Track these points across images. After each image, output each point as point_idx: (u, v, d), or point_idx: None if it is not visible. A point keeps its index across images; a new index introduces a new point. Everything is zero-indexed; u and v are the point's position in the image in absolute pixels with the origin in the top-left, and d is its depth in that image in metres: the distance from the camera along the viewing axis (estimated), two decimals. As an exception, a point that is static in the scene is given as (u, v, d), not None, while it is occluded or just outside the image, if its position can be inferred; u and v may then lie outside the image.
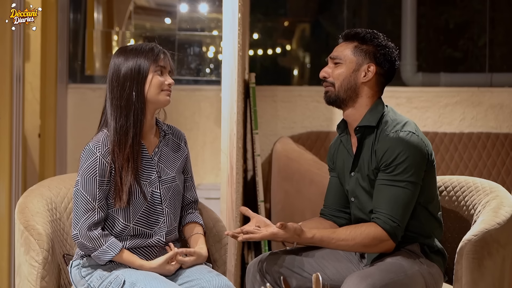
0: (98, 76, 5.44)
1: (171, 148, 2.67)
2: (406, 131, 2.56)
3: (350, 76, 2.63)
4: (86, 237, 2.47)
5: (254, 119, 4.63)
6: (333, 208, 2.78)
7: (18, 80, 4.05)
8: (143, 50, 2.55)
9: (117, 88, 2.53)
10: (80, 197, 2.49)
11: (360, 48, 2.63)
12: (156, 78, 2.54)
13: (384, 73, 2.65)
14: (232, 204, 3.20)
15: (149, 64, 2.53)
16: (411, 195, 2.54)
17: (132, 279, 2.45)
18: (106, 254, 2.49)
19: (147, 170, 2.57)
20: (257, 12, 5.81)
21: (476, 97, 5.35)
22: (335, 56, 2.66)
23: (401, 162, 2.52)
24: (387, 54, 2.63)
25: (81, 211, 2.48)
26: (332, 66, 2.66)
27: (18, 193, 4.03)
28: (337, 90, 2.64)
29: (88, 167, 2.49)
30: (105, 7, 5.54)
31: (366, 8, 6.03)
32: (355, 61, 2.63)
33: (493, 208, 2.62)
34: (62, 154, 5.10)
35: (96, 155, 2.49)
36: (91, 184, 2.48)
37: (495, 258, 2.52)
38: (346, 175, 2.71)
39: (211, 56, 5.47)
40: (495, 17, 5.82)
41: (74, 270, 2.57)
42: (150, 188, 2.57)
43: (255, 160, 4.62)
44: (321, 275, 2.43)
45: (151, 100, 2.55)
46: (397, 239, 2.54)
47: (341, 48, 2.67)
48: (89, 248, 2.49)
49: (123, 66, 2.53)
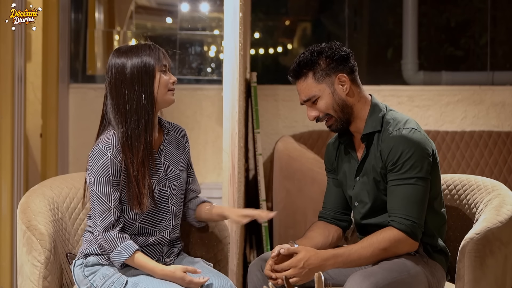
0: (100, 76, 5.44)
1: (174, 145, 2.66)
2: (408, 128, 2.55)
3: (334, 99, 2.59)
4: (103, 238, 2.46)
5: (255, 118, 4.63)
6: (334, 211, 2.77)
7: (19, 80, 4.05)
8: (144, 49, 2.52)
9: (123, 91, 2.49)
10: (96, 198, 2.47)
11: (317, 73, 2.58)
12: (162, 77, 2.52)
13: (350, 70, 2.61)
14: (234, 203, 3.20)
15: (154, 64, 2.51)
16: (423, 191, 2.53)
17: (135, 280, 2.46)
18: (120, 256, 2.46)
19: (154, 169, 2.56)
20: (258, 11, 5.81)
21: (478, 95, 5.35)
22: (308, 97, 2.60)
23: (407, 159, 2.51)
24: (338, 58, 2.59)
25: (98, 212, 2.47)
26: (312, 105, 2.61)
27: (20, 193, 4.04)
28: (338, 117, 2.61)
29: (100, 167, 2.46)
30: (106, 7, 5.54)
31: (367, 7, 6.02)
32: (324, 86, 2.58)
33: (495, 207, 2.62)
34: (64, 153, 5.10)
35: (107, 155, 2.46)
36: (105, 184, 2.46)
37: (497, 257, 2.52)
38: (350, 180, 2.70)
39: (213, 56, 5.47)
40: (496, 16, 5.82)
41: (77, 270, 2.56)
42: (158, 187, 2.56)
43: (257, 159, 4.62)
44: (323, 274, 2.43)
45: (159, 101, 2.52)
46: (417, 237, 2.52)
47: (303, 87, 2.60)
48: (106, 249, 2.48)
49: (128, 67, 2.49)
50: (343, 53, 2.60)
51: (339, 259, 2.49)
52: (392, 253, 2.53)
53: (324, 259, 2.48)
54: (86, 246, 2.58)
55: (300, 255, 2.47)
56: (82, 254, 2.57)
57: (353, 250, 2.50)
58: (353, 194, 2.68)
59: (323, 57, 2.58)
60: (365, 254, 2.50)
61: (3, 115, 3.95)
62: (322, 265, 2.48)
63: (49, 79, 4.94)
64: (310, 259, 2.46)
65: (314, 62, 2.58)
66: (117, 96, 2.50)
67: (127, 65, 2.50)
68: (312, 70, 2.59)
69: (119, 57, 2.52)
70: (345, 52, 2.61)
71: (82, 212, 2.84)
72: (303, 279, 2.48)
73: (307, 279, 2.49)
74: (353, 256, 2.50)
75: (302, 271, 2.45)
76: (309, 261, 2.46)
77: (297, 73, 2.61)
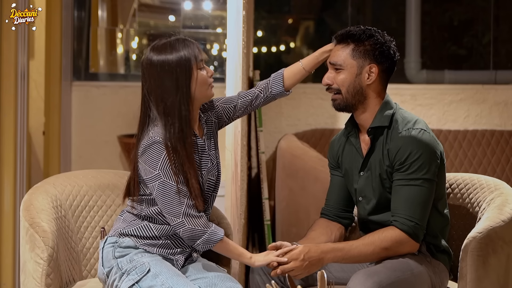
0: (103, 74, 5.45)
1: (210, 127, 2.65)
2: (418, 129, 2.55)
3: (354, 81, 2.59)
4: (191, 224, 2.45)
5: (258, 116, 4.63)
6: (337, 208, 2.77)
7: (22, 78, 4.05)
8: (180, 46, 2.48)
9: (161, 89, 2.46)
10: (168, 188, 2.44)
11: (357, 50, 2.58)
12: (200, 75, 2.50)
13: (386, 69, 2.62)
14: (236, 201, 3.20)
15: (192, 62, 2.48)
16: (428, 193, 2.52)
17: (157, 270, 2.45)
18: (216, 236, 2.48)
19: (203, 161, 2.56)
20: (261, 10, 5.80)
21: (481, 94, 5.35)
22: (335, 62, 2.61)
23: (415, 160, 2.51)
24: (385, 51, 2.60)
25: (177, 201, 2.44)
26: (334, 71, 2.62)
27: (22, 190, 4.04)
28: (345, 97, 2.61)
29: (164, 159, 2.43)
30: (109, 5, 5.55)
31: (370, 6, 6.02)
32: (355, 65, 2.59)
33: (497, 206, 2.62)
34: (67, 151, 5.11)
35: (164, 146, 2.44)
36: (174, 173, 2.44)
37: (499, 255, 2.52)
38: (354, 174, 2.69)
39: (216, 54, 5.47)
40: (499, 14, 5.81)
41: (108, 247, 2.55)
42: (207, 177, 2.56)
43: (260, 158, 4.62)
44: (326, 273, 2.43)
45: (198, 97, 2.51)
46: (418, 239, 2.52)
47: (338, 52, 2.62)
48: (198, 232, 2.46)
49: (164, 65, 2.45)
50: (389, 50, 2.61)
51: (338, 253, 2.49)
52: (392, 253, 2.53)
53: (324, 252, 2.48)
54: (124, 225, 2.56)
55: (300, 248, 2.48)
56: (118, 233, 2.56)
57: (354, 246, 2.51)
58: (357, 187, 2.68)
59: (371, 41, 2.59)
60: (365, 251, 2.50)
61: (6, 113, 3.96)
62: (322, 257, 2.48)
63: (52, 76, 4.95)
64: (310, 251, 2.47)
65: (361, 39, 2.59)
66: (155, 94, 2.48)
67: (164, 62, 2.46)
68: (354, 43, 2.59)
69: (155, 54, 2.49)
70: (392, 51, 2.62)
71: (85, 209, 2.84)
72: (304, 272, 2.48)
73: (308, 273, 2.50)
74: (353, 252, 2.50)
75: (302, 263, 2.46)
76: (309, 254, 2.47)
77: (341, 38, 2.62)
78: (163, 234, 2.55)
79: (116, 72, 5.58)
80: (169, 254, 2.56)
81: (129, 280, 2.46)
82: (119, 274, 2.49)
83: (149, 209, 2.54)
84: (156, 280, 2.43)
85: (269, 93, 2.74)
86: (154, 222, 2.54)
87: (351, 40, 2.60)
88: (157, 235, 2.54)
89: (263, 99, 2.74)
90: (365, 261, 2.56)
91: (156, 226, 2.54)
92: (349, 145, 2.71)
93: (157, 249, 2.54)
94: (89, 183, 2.89)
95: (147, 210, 2.54)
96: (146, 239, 2.54)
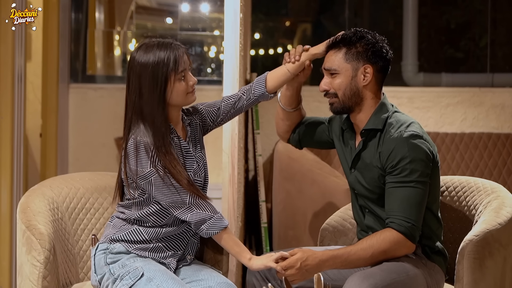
0: (100, 76, 5.44)
1: (194, 129, 2.66)
2: (409, 132, 2.55)
3: (350, 83, 2.61)
4: (199, 207, 2.48)
5: (255, 118, 4.63)
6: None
7: (19, 80, 4.05)
8: (162, 51, 2.49)
9: (138, 89, 2.47)
10: (166, 182, 2.45)
11: (350, 53, 2.60)
12: (177, 86, 2.50)
13: (380, 69, 2.63)
14: (233, 204, 3.20)
15: (168, 73, 2.48)
16: (423, 193, 2.53)
17: (150, 274, 2.44)
18: (221, 222, 2.50)
19: (189, 162, 2.56)
20: (259, 12, 5.81)
21: (478, 97, 5.35)
22: (329, 67, 2.63)
23: (407, 164, 2.51)
24: (377, 51, 2.61)
25: (179, 189, 2.46)
26: (329, 77, 2.64)
27: (19, 192, 4.03)
28: (342, 100, 2.62)
29: (152, 157, 2.44)
30: (107, 7, 5.55)
31: (367, 8, 6.03)
32: (350, 68, 2.60)
33: (494, 209, 2.62)
34: (64, 153, 5.11)
35: (148, 144, 2.45)
36: (166, 167, 2.44)
37: (496, 258, 2.52)
38: (345, 167, 2.73)
39: (213, 56, 5.47)
40: (496, 17, 5.82)
41: (99, 254, 2.55)
42: (194, 178, 2.56)
43: (257, 160, 4.62)
44: (322, 275, 2.44)
45: (175, 104, 2.51)
46: (415, 240, 2.53)
47: (332, 57, 2.63)
48: (205, 216, 2.48)
49: (144, 68, 2.46)
50: (382, 49, 2.61)
51: (337, 260, 2.50)
52: (391, 255, 2.53)
53: (323, 260, 2.48)
54: (114, 231, 2.56)
55: (298, 255, 2.47)
56: (109, 239, 2.55)
57: (352, 252, 2.51)
58: (350, 181, 2.73)
59: (363, 43, 2.60)
60: (364, 255, 2.51)
61: (3, 115, 3.96)
62: (320, 265, 2.48)
63: (49, 79, 4.94)
64: (307, 259, 2.47)
65: (352, 42, 2.60)
66: (131, 92, 2.49)
67: (143, 64, 2.47)
68: (346, 47, 2.61)
69: (138, 53, 2.50)
70: (385, 49, 2.62)
71: (82, 212, 2.84)
72: (301, 278, 2.49)
73: (305, 279, 2.50)
74: (352, 257, 2.50)
75: (299, 271, 2.46)
76: (306, 262, 2.47)
77: (333, 44, 2.64)
78: (153, 237, 2.54)
79: (113, 75, 5.58)
80: (161, 258, 2.56)
81: (123, 285, 2.45)
82: (112, 279, 2.49)
83: (138, 212, 2.54)
84: (151, 284, 2.42)
85: (252, 95, 2.75)
86: (144, 226, 2.54)
87: (343, 44, 2.62)
88: (148, 239, 2.54)
89: (246, 101, 2.75)
90: (364, 265, 2.56)
91: (147, 229, 2.54)
92: (344, 137, 2.75)
93: (148, 253, 2.54)
94: (86, 185, 2.89)
95: (136, 214, 2.54)
96: (137, 243, 2.53)
